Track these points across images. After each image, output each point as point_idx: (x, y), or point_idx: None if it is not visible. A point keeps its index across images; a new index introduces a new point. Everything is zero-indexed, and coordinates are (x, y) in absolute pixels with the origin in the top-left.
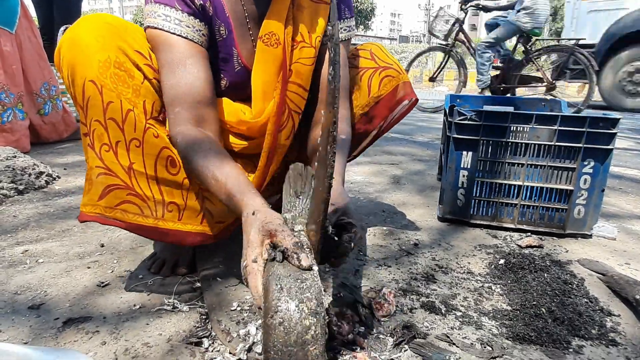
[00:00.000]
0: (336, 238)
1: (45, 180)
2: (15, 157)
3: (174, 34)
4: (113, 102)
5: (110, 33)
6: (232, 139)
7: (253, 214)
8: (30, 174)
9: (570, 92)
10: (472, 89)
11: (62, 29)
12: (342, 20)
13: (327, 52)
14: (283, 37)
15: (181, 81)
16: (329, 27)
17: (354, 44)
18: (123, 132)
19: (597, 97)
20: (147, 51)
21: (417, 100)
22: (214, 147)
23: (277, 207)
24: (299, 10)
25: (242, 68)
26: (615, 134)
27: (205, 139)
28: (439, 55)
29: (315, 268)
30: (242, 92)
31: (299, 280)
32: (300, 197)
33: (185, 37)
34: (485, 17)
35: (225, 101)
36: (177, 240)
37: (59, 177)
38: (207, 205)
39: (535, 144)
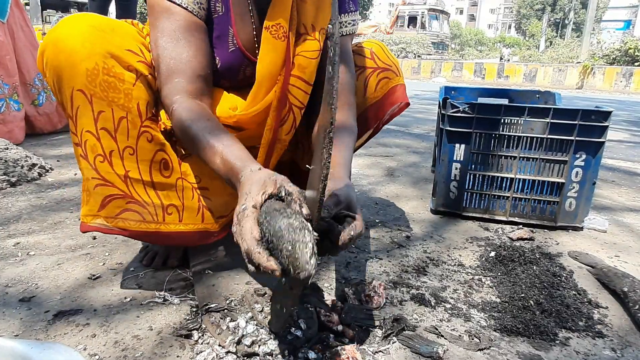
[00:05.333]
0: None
1: (38, 172)
2: (7, 148)
3: (175, 2)
4: (104, 112)
5: (96, 37)
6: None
7: (259, 169)
8: (22, 166)
9: None
10: (469, 79)
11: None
12: (346, 14)
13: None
14: (288, 29)
15: (183, 53)
16: (329, 26)
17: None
18: (116, 141)
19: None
20: (138, 48)
21: (408, 104)
22: (213, 120)
23: None
24: (303, 1)
25: (237, 49)
26: (607, 127)
27: (204, 111)
28: None
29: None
30: (234, 77)
31: (295, 217)
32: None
33: (185, 8)
34: (484, 6)
35: (217, 92)
36: (182, 242)
37: (52, 169)
38: (204, 202)
39: (527, 137)
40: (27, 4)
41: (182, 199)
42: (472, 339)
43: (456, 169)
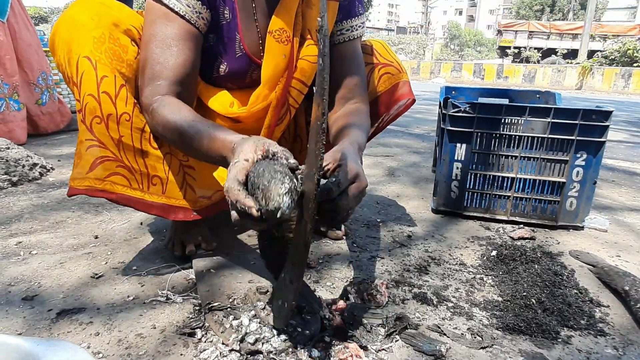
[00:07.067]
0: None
1: (39, 172)
2: (8, 148)
3: (173, 10)
4: (107, 77)
5: (104, 11)
6: (218, 121)
7: (249, 137)
8: (24, 166)
9: None
10: (468, 80)
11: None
12: (356, 17)
13: (319, 44)
14: (292, 34)
15: (171, 60)
16: (318, 19)
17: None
18: (115, 105)
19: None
20: (140, 27)
21: (414, 100)
22: (194, 112)
23: None
24: (308, 7)
25: (243, 55)
26: (607, 126)
27: (184, 105)
28: (437, 46)
29: (300, 168)
30: (240, 81)
31: (281, 167)
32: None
33: (183, 17)
34: (484, 7)
35: (215, 89)
36: (161, 213)
37: (53, 169)
38: (188, 180)
39: (528, 136)
40: None
41: (167, 173)
42: (475, 337)
43: (457, 168)
